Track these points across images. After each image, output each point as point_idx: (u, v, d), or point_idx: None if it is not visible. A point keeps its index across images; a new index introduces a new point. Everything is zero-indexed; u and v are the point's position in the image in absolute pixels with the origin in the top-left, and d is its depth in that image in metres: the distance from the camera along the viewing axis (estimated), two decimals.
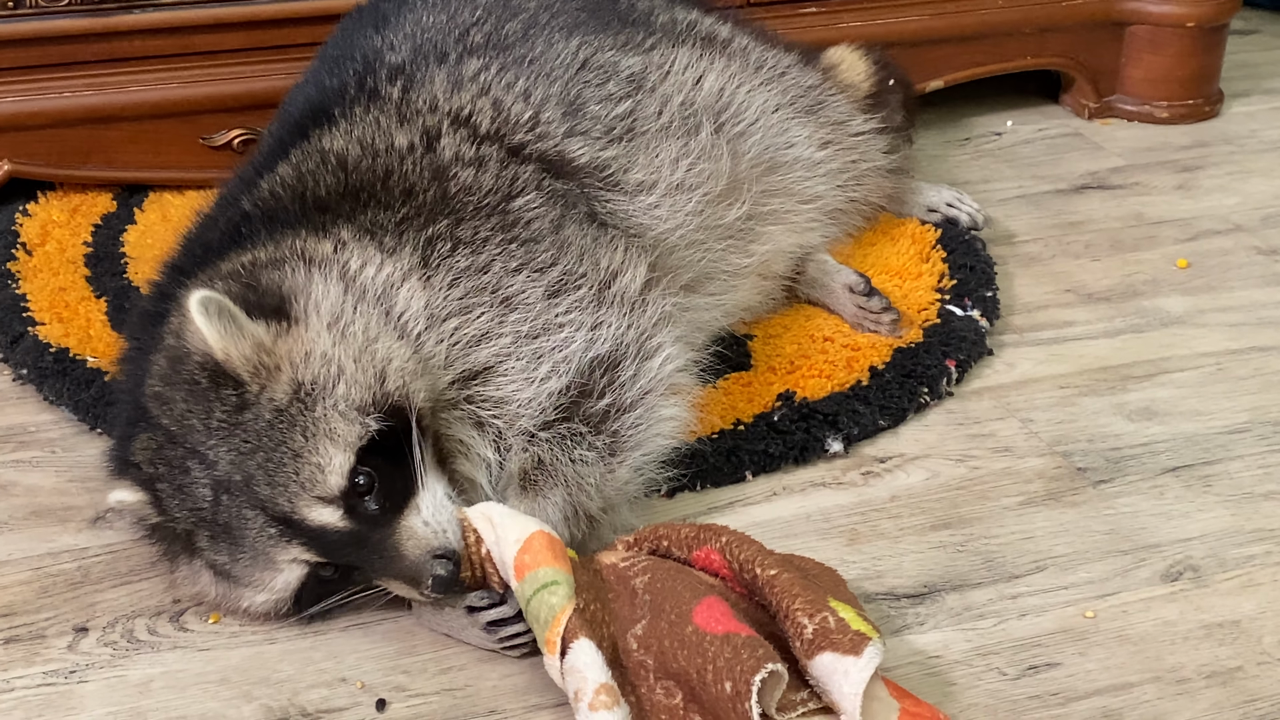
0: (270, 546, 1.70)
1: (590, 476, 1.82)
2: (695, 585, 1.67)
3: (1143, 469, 2.04)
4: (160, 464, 1.73)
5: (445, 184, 1.92)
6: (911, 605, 1.81)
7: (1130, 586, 1.84)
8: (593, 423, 1.84)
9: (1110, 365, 2.25)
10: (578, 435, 1.83)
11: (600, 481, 1.83)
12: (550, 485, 1.80)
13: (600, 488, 1.83)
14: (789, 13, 2.75)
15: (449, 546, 1.69)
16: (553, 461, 1.81)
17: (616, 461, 1.85)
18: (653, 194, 2.09)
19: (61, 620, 1.79)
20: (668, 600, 1.65)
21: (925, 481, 2.02)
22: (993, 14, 2.88)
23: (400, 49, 2.13)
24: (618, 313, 1.90)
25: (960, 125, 2.95)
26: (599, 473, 1.83)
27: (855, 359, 2.19)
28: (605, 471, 1.84)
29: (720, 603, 1.63)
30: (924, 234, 2.47)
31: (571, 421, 1.84)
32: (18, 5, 2.40)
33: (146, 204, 2.53)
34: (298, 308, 1.73)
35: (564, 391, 1.84)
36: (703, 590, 1.66)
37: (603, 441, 1.84)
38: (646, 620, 1.65)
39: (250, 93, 2.52)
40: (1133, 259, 2.53)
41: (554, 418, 1.83)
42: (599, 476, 1.83)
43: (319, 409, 1.68)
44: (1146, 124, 2.99)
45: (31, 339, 2.19)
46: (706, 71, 2.24)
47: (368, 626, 1.78)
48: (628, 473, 1.86)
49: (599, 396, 1.85)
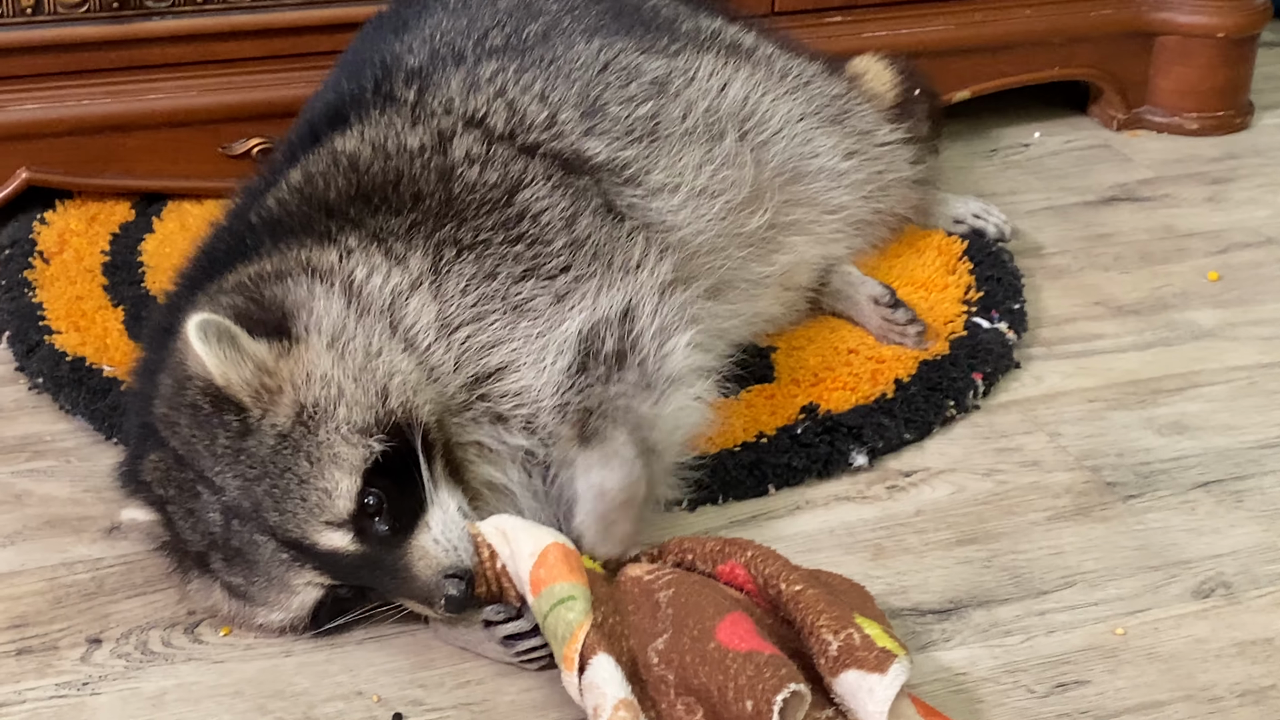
0: (283, 571, 1.68)
1: (640, 406, 1.77)
2: (719, 601, 1.64)
3: (1173, 484, 2.01)
4: (170, 486, 1.71)
5: (451, 184, 1.89)
6: (938, 621, 1.78)
7: (1161, 603, 1.81)
8: (609, 362, 1.79)
9: (1140, 379, 2.22)
10: (601, 376, 1.79)
11: (652, 410, 1.78)
12: (610, 424, 1.75)
13: (657, 415, 1.77)
14: (814, 22, 2.73)
15: (461, 565, 1.66)
16: (599, 404, 1.76)
17: (656, 394, 1.80)
18: (675, 196, 2.06)
19: (75, 631, 1.77)
20: (691, 615, 1.62)
21: (951, 496, 1.99)
22: (1020, 24, 2.85)
23: (418, 52, 2.11)
24: (632, 284, 1.85)
25: (987, 136, 2.93)
26: (642, 400, 1.78)
27: (880, 371, 2.16)
28: (652, 401, 1.78)
29: (745, 619, 1.60)
30: (950, 245, 2.44)
31: (589, 372, 1.79)
32: (37, 11, 2.39)
33: (165, 213, 2.52)
34: (299, 325, 1.71)
35: (571, 364, 1.80)
36: (727, 606, 1.63)
37: (632, 375, 1.79)
38: (669, 635, 1.63)
39: (269, 101, 2.50)
40: (1162, 271, 2.50)
41: (571, 382, 1.79)
42: (649, 406, 1.77)
43: (322, 432, 1.65)
44: (1176, 136, 2.96)
45: (47, 348, 2.17)
46: (731, 79, 2.22)
47: (384, 640, 1.76)
48: (677, 399, 1.80)
49: (604, 342, 1.80)
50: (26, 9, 2.38)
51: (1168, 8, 2.91)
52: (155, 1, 2.43)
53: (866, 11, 2.78)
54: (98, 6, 2.41)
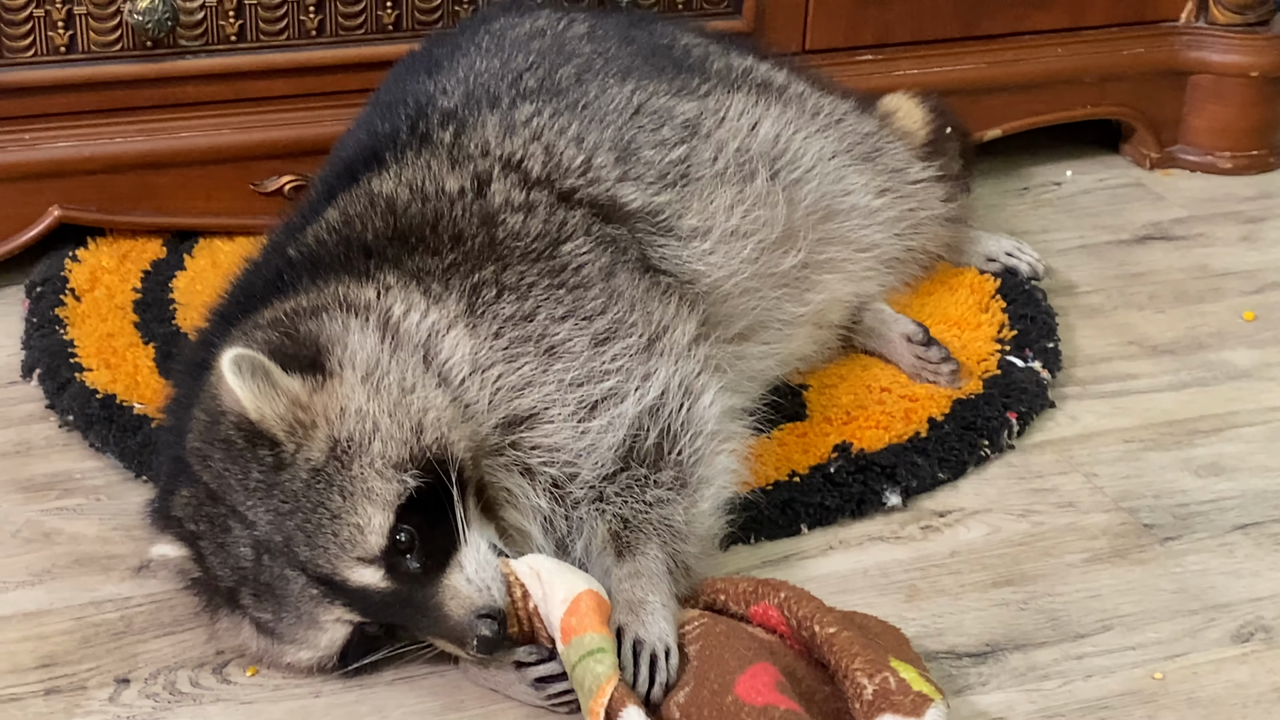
0: (313, 607, 1.67)
1: (675, 517, 1.78)
2: (743, 652, 1.62)
3: (1211, 526, 1.99)
4: (202, 521, 1.70)
5: (494, 230, 1.90)
6: (974, 665, 1.76)
7: (1200, 647, 1.79)
8: (649, 461, 1.80)
9: (1176, 419, 2.20)
10: (641, 480, 1.79)
11: (686, 518, 1.78)
12: (643, 540, 1.76)
13: (689, 524, 1.78)
14: (845, 60, 2.73)
15: (493, 605, 1.65)
16: (635, 515, 1.77)
17: (692, 493, 1.81)
18: (707, 240, 2.06)
19: (103, 671, 1.76)
20: (713, 669, 1.62)
21: (986, 537, 1.97)
22: (1052, 62, 2.84)
23: (453, 94, 2.11)
24: (666, 362, 1.86)
25: (1019, 174, 2.91)
26: (681, 510, 1.79)
27: (913, 410, 2.15)
28: (687, 507, 1.79)
29: (766, 671, 1.59)
30: (983, 283, 2.43)
31: (630, 469, 1.80)
32: (71, 50, 2.40)
33: (196, 250, 2.52)
34: (333, 360, 1.71)
35: (621, 444, 1.80)
36: (750, 657, 1.61)
37: (668, 476, 1.80)
38: (690, 687, 1.62)
39: (301, 139, 2.51)
40: (1197, 311, 2.48)
41: (612, 469, 1.80)
42: (683, 514, 1.78)
43: (355, 467, 1.65)
44: (1209, 175, 2.94)
45: (78, 385, 2.17)
46: (762, 118, 2.21)
47: (414, 680, 1.74)
48: (708, 506, 1.82)
49: (647, 435, 1.81)
50: (60, 47, 2.39)
51: (1201, 47, 2.90)
52: (188, 40, 2.43)
53: (898, 50, 2.77)
54: (131, 45, 2.42)
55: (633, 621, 1.67)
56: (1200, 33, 2.91)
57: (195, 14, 2.42)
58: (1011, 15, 2.82)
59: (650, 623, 1.67)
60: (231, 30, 2.45)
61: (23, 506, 2.01)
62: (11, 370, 2.27)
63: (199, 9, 2.42)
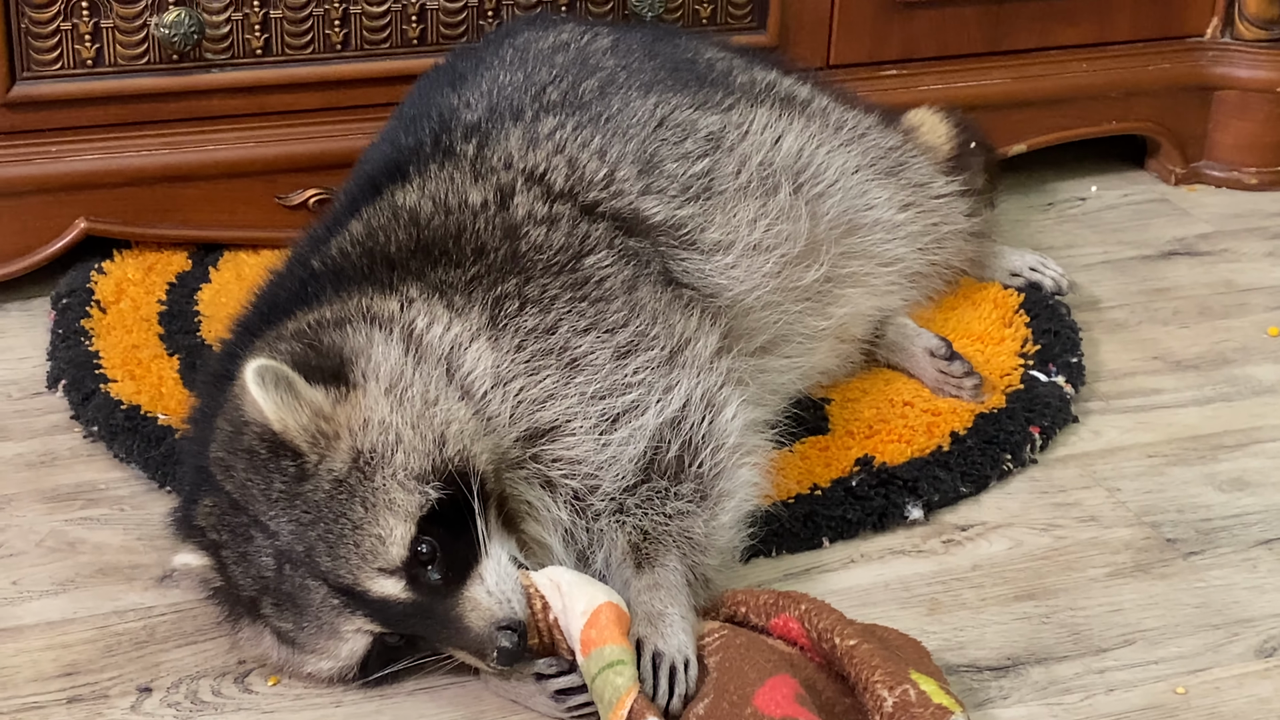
0: (334, 617, 1.67)
1: (695, 529, 1.78)
2: (763, 664, 1.62)
3: (1235, 541, 1.98)
4: (224, 531, 1.71)
5: (516, 242, 1.90)
6: (995, 678, 1.76)
7: (1223, 662, 1.78)
8: (670, 474, 1.80)
9: (1200, 434, 2.20)
10: (662, 492, 1.79)
11: (706, 531, 1.78)
12: (663, 552, 1.76)
13: (709, 538, 1.78)
14: (869, 74, 2.73)
15: (514, 617, 1.65)
16: (654, 526, 1.77)
17: (713, 507, 1.81)
18: (730, 254, 2.06)
19: (125, 680, 1.76)
20: (732, 681, 1.62)
21: (1008, 551, 1.97)
22: (1077, 78, 2.84)
23: (476, 107, 2.12)
24: (688, 374, 1.86)
25: (1043, 190, 2.91)
26: (702, 522, 1.79)
27: (936, 424, 2.14)
28: (708, 519, 1.79)
29: (786, 683, 1.59)
30: (1006, 298, 2.42)
31: (650, 481, 1.80)
32: (98, 63, 2.41)
33: (221, 262, 2.53)
34: (356, 371, 1.71)
35: (641, 455, 1.80)
36: (770, 669, 1.61)
37: (688, 489, 1.80)
38: (709, 699, 1.62)
39: (326, 152, 2.51)
40: (1222, 326, 2.47)
41: (633, 481, 1.80)
42: (703, 526, 1.78)
43: (378, 478, 1.65)
44: (1234, 190, 2.93)
45: (103, 396, 2.18)
46: (786, 131, 2.21)
47: (434, 691, 1.75)
48: (729, 519, 1.82)
49: (669, 448, 1.81)
50: (87, 60, 2.41)
51: (1227, 62, 2.90)
52: (214, 54, 2.45)
53: (923, 65, 2.77)
54: (157, 58, 2.43)
55: (652, 634, 1.67)
56: (1226, 48, 2.90)
57: (221, 28, 2.44)
58: (1037, 30, 2.82)
59: (669, 635, 1.67)
60: (257, 44, 2.46)
61: (47, 516, 2.01)
62: (37, 381, 2.28)
63: (225, 23, 2.44)
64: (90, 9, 2.38)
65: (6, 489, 2.06)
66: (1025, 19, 2.80)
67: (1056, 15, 2.82)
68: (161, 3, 2.40)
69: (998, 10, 2.78)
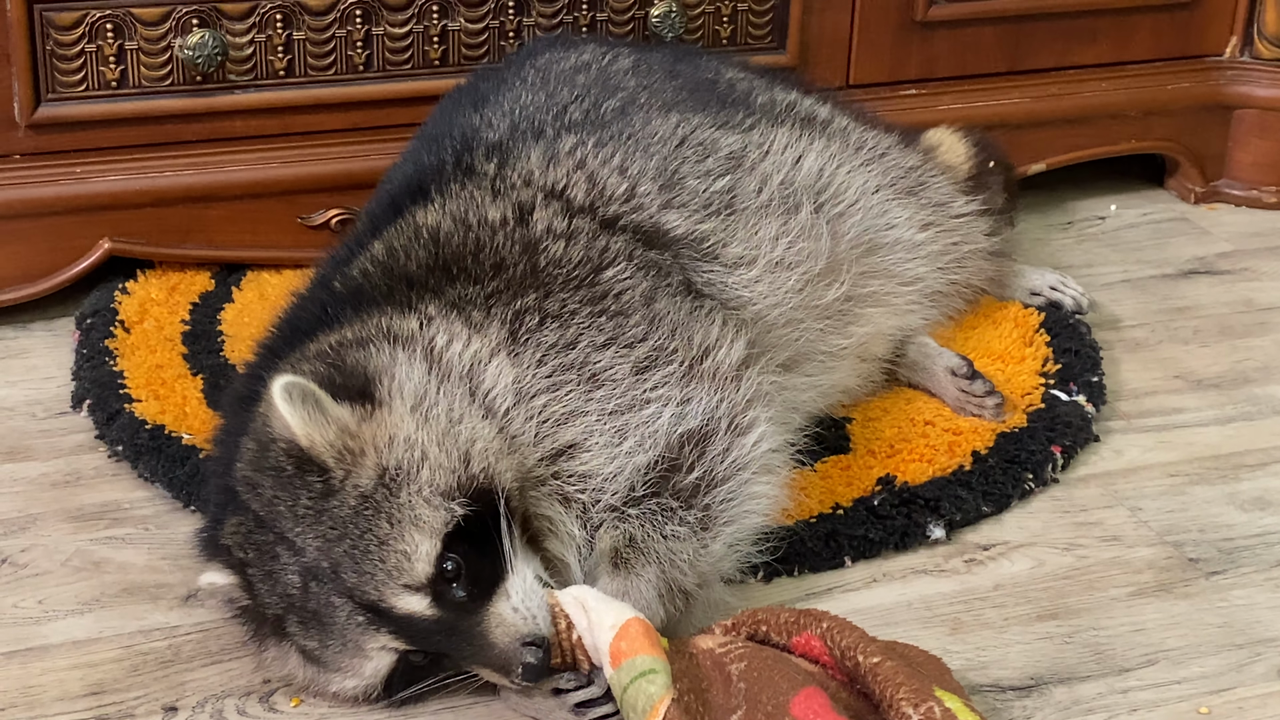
0: (359, 634, 1.68)
1: (683, 552, 1.78)
2: (793, 675, 1.62)
3: (1257, 560, 1.98)
4: (250, 549, 1.72)
5: (535, 257, 1.91)
6: (1018, 698, 1.76)
7: (1246, 682, 1.78)
8: (683, 497, 1.80)
9: (1222, 453, 2.20)
10: (668, 510, 1.79)
11: (694, 557, 1.79)
12: (643, 563, 1.77)
13: (694, 563, 1.79)
14: (888, 94, 2.73)
15: (539, 633, 1.66)
16: (644, 539, 1.78)
17: (709, 536, 1.81)
18: (752, 269, 2.06)
19: (151, 700, 1.77)
20: (765, 690, 1.61)
21: (1030, 570, 1.97)
22: (1096, 97, 2.84)
23: (498, 126, 2.13)
24: (709, 387, 1.86)
25: (1063, 209, 2.91)
26: (692, 548, 1.79)
27: (957, 443, 2.15)
28: (699, 547, 1.80)
29: (819, 694, 1.59)
30: (1027, 317, 2.43)
31: (661, 497, 1.80)
32: (121, 84, 2.43)
33: (244, 283, 2.54)
34: (382, 390, 1.72)
35: (651, 466, 1.81)
36: (800, 680, 1.61)
37: (694, 516, 1.80)
38: (742, 711, 1.61)
39: (348, 173, 2.53)
40: (1243, 345, 2.47)
41: (643, 493, 1.80)
42: (692, 552, 1.79)
43: (404, 495, 1.66)
44: (1254, 209, 2.93)
45: (127, 416, 2.19)
46: (806, 151, 2.22)
47: (458, 710, 1.75)
48: (721, 549, 1.82)
49: (688, 470, 1.81)
50: (112, 82, 2.42)
51: (1246, 81, 2.90)
52: (237, 75, 2.46)
53: (942, 84, 2.78)
54: (181, 80, 2.45)
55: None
56: (1245, 67, 2.90)
57: (244, 49, 2.45)
58: (1056, 50, 2.82)
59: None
60: (280, 65, 2.47)
61: (72, 536, 2.02)
62: (62, 401, 2.30)
63: (248, 44, 2.45)
64: (115, 31, 2.39)
65: (32, 509, 2.07)
66: (1044, 39, 2.81)
67: (1075, 35, 2.82)
68: (185, 24, 2.41)
69: (1017, 30, 2.79)
